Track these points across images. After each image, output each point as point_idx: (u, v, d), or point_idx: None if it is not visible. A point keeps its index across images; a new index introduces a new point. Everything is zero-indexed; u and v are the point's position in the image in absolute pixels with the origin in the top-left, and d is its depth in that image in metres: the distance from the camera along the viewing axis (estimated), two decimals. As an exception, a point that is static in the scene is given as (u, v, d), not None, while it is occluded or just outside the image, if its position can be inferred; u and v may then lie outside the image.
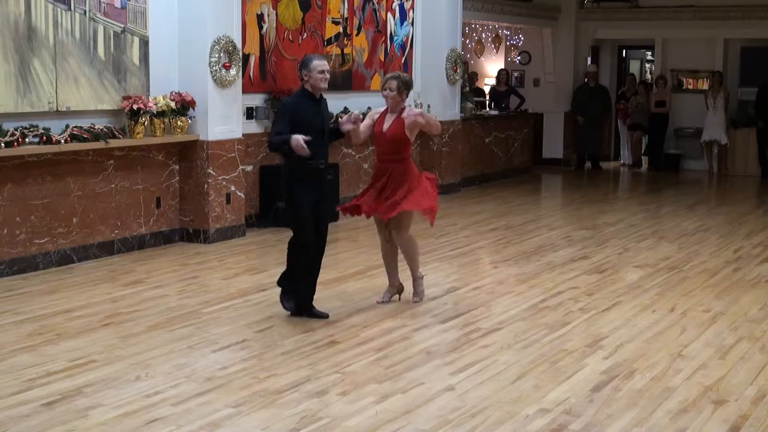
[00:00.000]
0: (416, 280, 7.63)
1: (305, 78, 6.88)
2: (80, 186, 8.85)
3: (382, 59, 13.27)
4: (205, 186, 9.89)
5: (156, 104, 9.27)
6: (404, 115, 7.32)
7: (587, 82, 18.36)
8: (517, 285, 8.37)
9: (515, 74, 19.07)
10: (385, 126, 7.32)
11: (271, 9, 11.13)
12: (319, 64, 6.89)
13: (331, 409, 5.16)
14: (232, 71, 10.00)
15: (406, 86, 7.35)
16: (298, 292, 7.03)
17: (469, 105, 15.52)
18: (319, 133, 6.87)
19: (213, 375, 5.72)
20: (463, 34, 15.86)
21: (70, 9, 8.58)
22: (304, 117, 6.83)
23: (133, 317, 7.02)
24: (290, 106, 6.91)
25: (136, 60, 9.30)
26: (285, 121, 6.82)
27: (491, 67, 19.52)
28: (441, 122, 13.77)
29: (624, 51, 20.06)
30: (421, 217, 7.76)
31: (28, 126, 8.22)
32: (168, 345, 6.33)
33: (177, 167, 9.93)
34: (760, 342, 6.62)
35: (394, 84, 7.29)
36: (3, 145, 7.94)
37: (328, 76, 6.94)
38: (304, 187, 6.87)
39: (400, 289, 7.64)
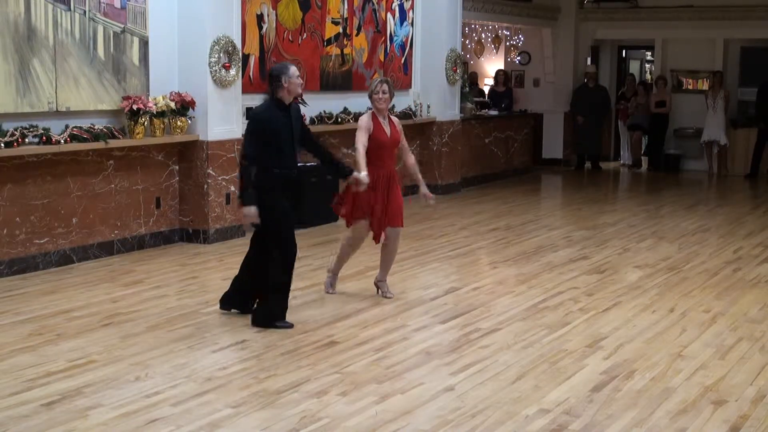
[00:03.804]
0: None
1: (285, 85, 6.74)
2: (80, 186, 8.85)
3: (382, 59, 13.27)
4: (205, 186, 9.89)
5: (156, 104, 9.27)
6: (392, 117, 7.72)
7: (587, 82, 18.36)
8: (516, 285, 8.37)
9: (515, 74, 19.07)
10: (388, 131, 7.57)
11: (271, 9, 11.13)
12: (296, 70, 6.89)
13: (331, 409, 5.16)
14: (232, 71, 10.00)
15: (392, 89, 7.65)
16: (275, 304, 6.81)
17: (469, 105, 15.53)
18: (290, 141, 6.84)
19: (213, 375, 5.72)
20: (463, 35, 15.86)
21: (69, 9, 8.58)
22: (275, 129, 6.75)
23: (132, 317, 7.02)
24: (263, 122, 6.77)
25: (135, 60, 9.30)
26: (256, 139, 6.70)
27: (491, 67, 19.52)
28: (441, 122, 14.10)
29: (624, 51, 20.06)
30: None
31: (27, 126, 8.22)
32: (168, 345, 6.33)
33: (177, 167, 9.93)
34: (760, 342, 6.62)
35: (386, 87, 7.58)
36: (3, 145, 7.94)
37: (302, 81, 7.04)
38: (277, 194, 6.78)
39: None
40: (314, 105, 11.48)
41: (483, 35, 18.06)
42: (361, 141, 7.39)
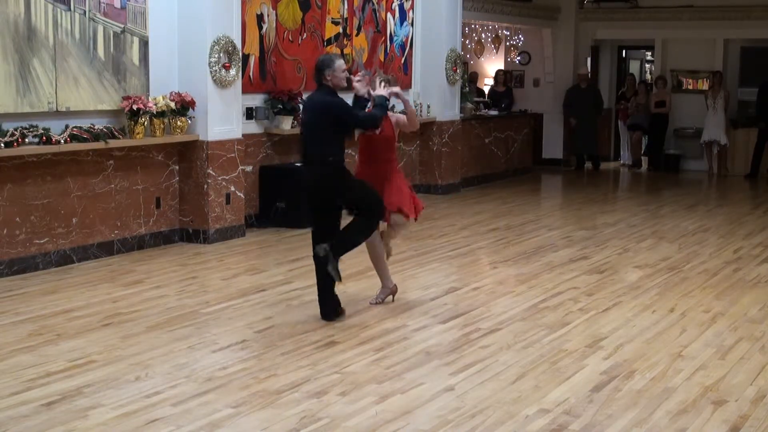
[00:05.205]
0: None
1: (328, 78, 6.98)
2: (80, 186, 8.85)
3: (382, 59, 13.27)
4: (205, 186, 9.89)
5: (156, 104, 9.27)
6: (389, 114, 7.36)
7: (579, 83, 18.29)
8: (516, 285, 8.37)
9: (515, 74, 19.06)
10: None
11: (271, 9, 11.13)
12: (341, 63, 7.07)
13: (330, 409, 5.16)
14: (232, 71, 10.00)
15: (389, 84, 7.41)
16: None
17: (469, 105, 15.53)
18: None
19: (213, 375, 5.72)
20: (463, 35, 15.86)
21: (69, 9, 8.58)
22: None
23: (132, 317, 7.02)
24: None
25: (135, 60, 9.30)
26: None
27: (491, 67, 19.52)
28: (441, 122, 14.09)
29: (624, 51, 20.06)
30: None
31: (27, 126, 8.22)
32: (168, 345, 6.33)
33: (177, 167, 9.93)
34: (760, 342, 6.62)
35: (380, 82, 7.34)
36: (3, 145, 7.94)
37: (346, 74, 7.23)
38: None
39: (393, 290, 7.63)
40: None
41: (483, 35, 18.06)
42: None
